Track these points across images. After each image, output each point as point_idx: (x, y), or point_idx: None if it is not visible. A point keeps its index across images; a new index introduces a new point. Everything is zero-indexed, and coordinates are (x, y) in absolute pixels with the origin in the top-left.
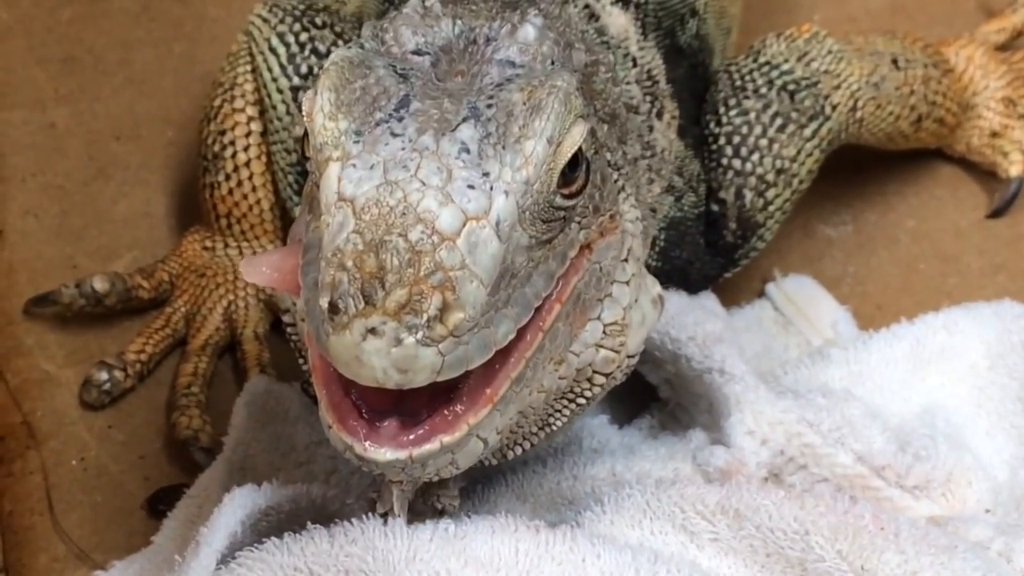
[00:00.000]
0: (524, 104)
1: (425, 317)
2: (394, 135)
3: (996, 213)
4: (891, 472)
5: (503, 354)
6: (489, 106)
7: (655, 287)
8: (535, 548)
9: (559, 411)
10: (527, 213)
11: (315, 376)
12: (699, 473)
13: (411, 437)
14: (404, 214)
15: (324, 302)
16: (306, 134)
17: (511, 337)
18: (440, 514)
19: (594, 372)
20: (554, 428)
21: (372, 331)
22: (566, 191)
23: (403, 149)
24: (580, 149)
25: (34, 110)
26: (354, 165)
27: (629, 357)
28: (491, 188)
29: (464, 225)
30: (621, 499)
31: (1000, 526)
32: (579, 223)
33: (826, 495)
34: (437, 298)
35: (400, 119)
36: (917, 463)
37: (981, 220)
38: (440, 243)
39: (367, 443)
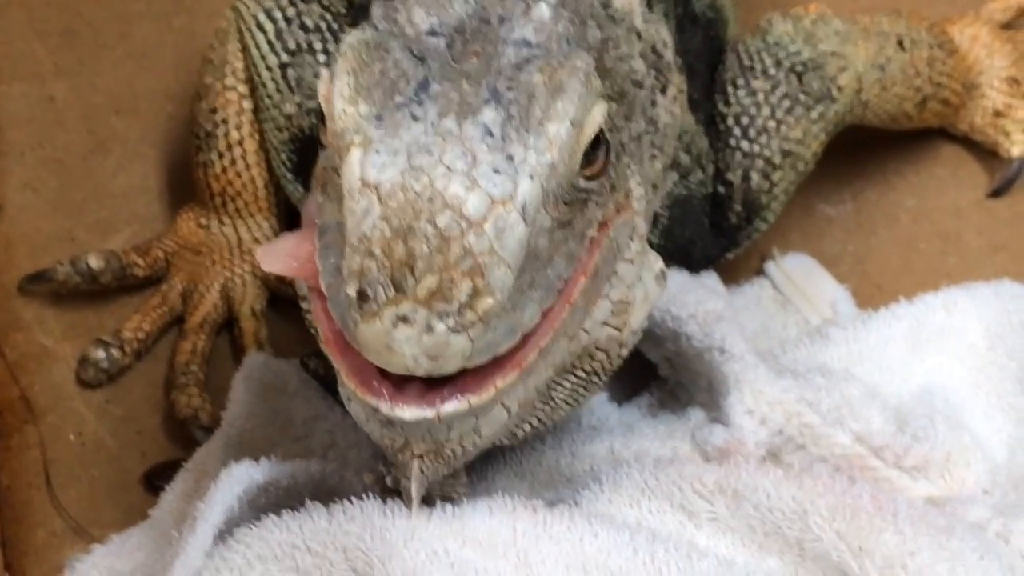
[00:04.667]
0: (545, 86)
1: (456, 304)
2: (415, 119)
3: (996, 193)
4: (889, 452)
5: None
6: (509, 88)
7: (658, 263)
8: (533, 528)
9: (559, 383)
10: (551, 196)
11: (330, 348)
12: (698, 452)
13: (439, 395)
14: (431, 200)
15: (352, 290)
16: (322, 118)
17: (536, 321)
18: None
19: (596, 348)
20: (555, 402)
21: (403, 319)
22: (588, 172)
23: (425, 133)
24: (601, 130)
25: (33, 83)
26: (377, 151)
27: (632, 334)
28: (516, 172)
29: (491, 210)
30: (619, 478)
31: (998, 507)
32: (596, 202)
33: (824, 475)
34: (467, 284)
35: (420, 102)
36: (915, 443)
37: (981, 200)
38: (468, 229)
39: (392, 402)
